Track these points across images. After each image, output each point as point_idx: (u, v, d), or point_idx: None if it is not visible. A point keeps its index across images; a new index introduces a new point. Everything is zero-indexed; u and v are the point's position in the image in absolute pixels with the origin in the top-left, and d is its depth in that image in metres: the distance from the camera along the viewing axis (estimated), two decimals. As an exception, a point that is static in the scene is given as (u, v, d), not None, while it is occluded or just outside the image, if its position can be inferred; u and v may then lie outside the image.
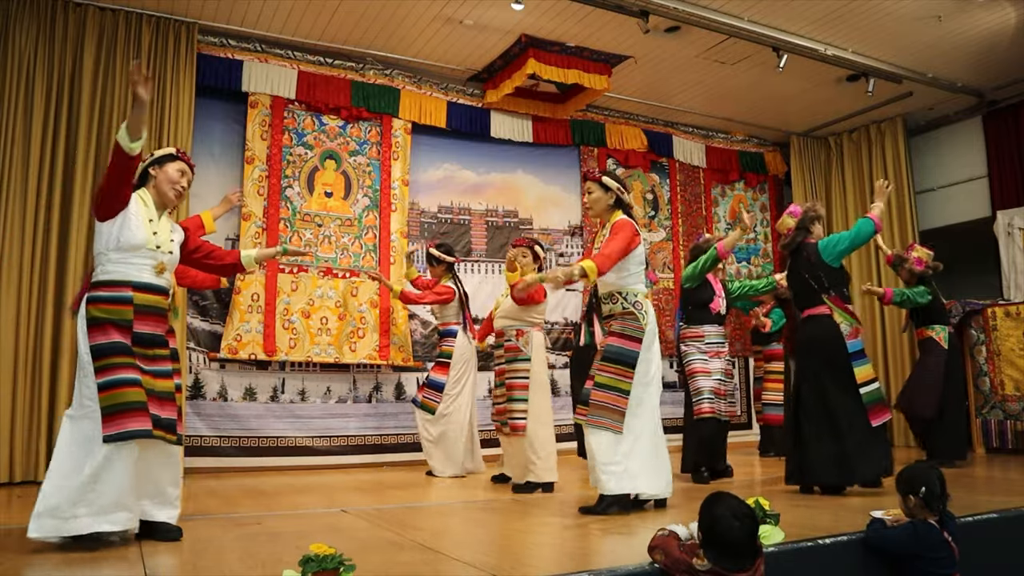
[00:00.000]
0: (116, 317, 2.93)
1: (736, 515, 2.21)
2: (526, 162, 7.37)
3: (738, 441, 7.93)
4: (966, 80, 7.10)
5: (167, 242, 3.11)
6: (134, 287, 2.98)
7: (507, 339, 4.91)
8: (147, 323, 3.01)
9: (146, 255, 3.02)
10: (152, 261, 3.03)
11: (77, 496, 2.79)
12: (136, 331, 2.97)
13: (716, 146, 8.39)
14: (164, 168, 3.17)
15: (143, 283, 3.00)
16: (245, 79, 6.00)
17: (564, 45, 6.25)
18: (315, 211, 6.24)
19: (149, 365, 2.99)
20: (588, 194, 3.92)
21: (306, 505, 4.08)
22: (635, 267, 3.78)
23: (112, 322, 2.92)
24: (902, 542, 2.75)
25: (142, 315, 2.99)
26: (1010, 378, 6.47)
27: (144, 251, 3.01)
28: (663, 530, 2.41)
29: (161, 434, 2.92)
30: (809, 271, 4.37)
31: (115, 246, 2.97)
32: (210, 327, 5.85)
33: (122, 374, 2.88)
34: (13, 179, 5.00)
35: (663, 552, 2.30)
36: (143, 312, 2.99)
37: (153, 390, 2.95)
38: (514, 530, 3.38)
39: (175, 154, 3.23)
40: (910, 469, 2.87)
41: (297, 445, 5.98)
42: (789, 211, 4.61)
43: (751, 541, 2.23)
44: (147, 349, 3.00)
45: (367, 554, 2.62)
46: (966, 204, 7.68)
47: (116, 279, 2.97)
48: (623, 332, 3.73)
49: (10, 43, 5.10)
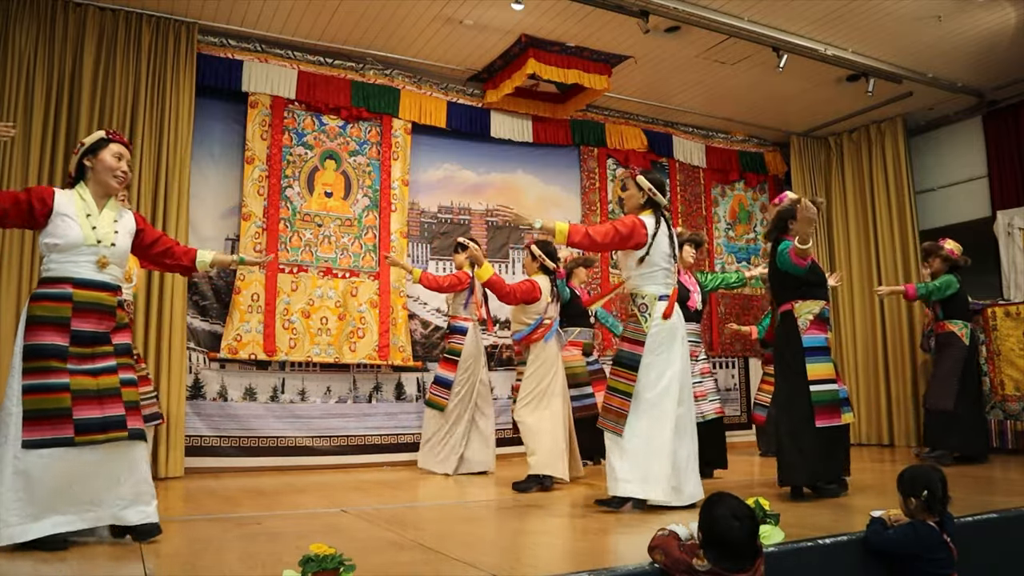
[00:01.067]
0: (54, 315, 2.87)
1: (736, 515, 2.21)
2: (526, 162, 7.36)
3: (738, 441, 7.94)
4: (966, 80, 7.10)
5: (109, 234, 3.01)
6: (74, 283, 2.92)
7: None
8: (88, 320, 2.92)
9: (85, 252, 2.94)
10: (93, 256, 2.95)
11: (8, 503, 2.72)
12: (75, 329, 2.88)
13: (716, 146, 8.39)
14: (99, 156, 3.05)
15: (84, 279, 2.93)
16: (245, 79, 6.01)
17: (564, 45, 6.25)
18: (315, 211, 6.24)
19: (87, 364, 2.90)
20: (623, 190, 3.96)
21: (306, 505, 4.08)
22: (646, 268, 3.78)
23: (50, 321, 2.86)
24: (902, 543, 2.75)
25: (83, 312, 2.91)
26: (1010, 378, 6.47)
27: (83, 248, 2.93)
28: (663, 530, 2.41)
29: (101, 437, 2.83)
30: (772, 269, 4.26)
31: (52, 247, 2.92)
32: (210, 327, 5.85)
33: (50, 379, 2.81)
34: (13, 179, 4.99)
35: (663, 552, 2.31)
36: (84, 309, 2.91)
37: (89, 390, 2.86)
38: (514, 530, 3.38)
39: (107, 137, 3.09)
40: (912, 470, 2.85)
41: (297, 445, 5.98)
42: (777, 199, 4.53)
43: (751, 541, 2.23)
44: (86, 347, 2.91)
45: (367, 554, 2.62)
46: (966, 204, 7.67)
47: (57, 276, 2.92)
48: (625, 335, 3.84)
49: (10, 43, 5.10)
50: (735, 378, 8.32)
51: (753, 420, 6.94)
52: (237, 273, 5.86)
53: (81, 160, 3.07)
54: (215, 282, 5.92)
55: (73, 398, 2.82)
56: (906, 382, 7.46)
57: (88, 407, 2.84)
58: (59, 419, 2.78)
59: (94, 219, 2.99)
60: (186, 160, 5.57)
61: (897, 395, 7.53)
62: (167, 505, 4.12)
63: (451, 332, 5.62)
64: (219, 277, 5.92)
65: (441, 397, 5.44)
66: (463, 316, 5.56)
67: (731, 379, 8.28)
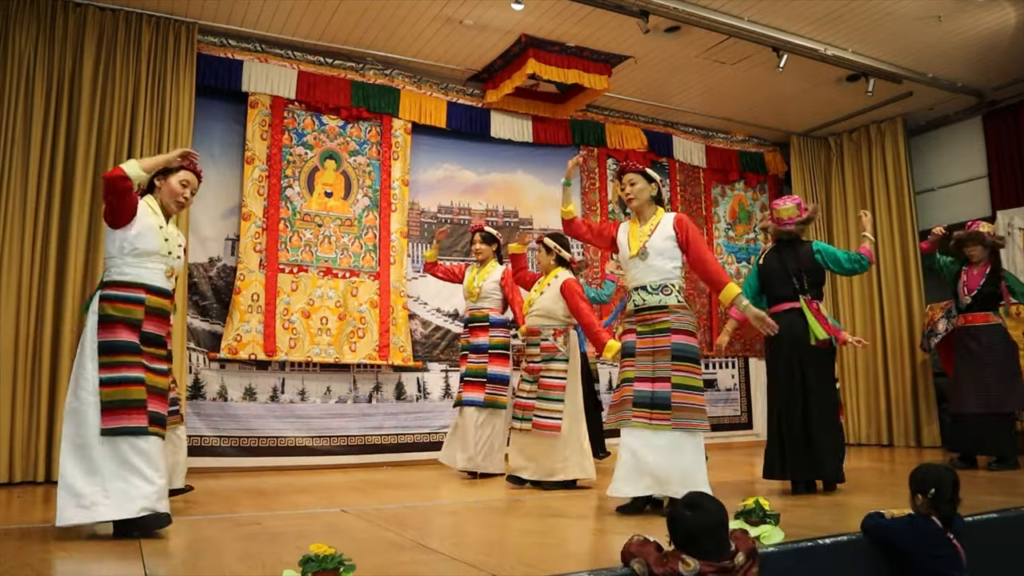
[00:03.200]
0: (128, 316, 3.09)
1: (686, 505, 2.28)
2: (526, 162, 7.36)
3: (738, 441, 7.95)
4: (966, 80, 7.10)
5: (176, 247, 3.27)
6: (147, 290, 3.15)
7: (543, 338, 4.78)
8: (154, 324, 3.17)
9: (158, 260, 3.18)
10: (164, 266, 3.20)
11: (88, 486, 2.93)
12: (144, 331, 3.13)
13: (716, 146, 8.39)
14: (168, 180, 3.29)
15: (155, 287, 3.17)
16: (245, 79, 6.01)
17: (564, 45, 6.25)
18: (315, 211, 6.24)
19: (152, 363, 3.15)
20: (631, 185, 3.79)
21: (306, 505, 4.08)
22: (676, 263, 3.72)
23: (124, 321, 3.08)
24: (899, 533, 2.74)
25: (151, 316, 3.16)
26: (1010, 378, 6.44)
27: (156, 257, 3.17)
28: (637, 536, 2.38)
29: (156, 430, 3.08)
30: (796, 267, 4.37)
31: (130, 251, 3.12)
32: (210, 327, 5.85)
33: (126, 372, 3.04)
34: (13, 179, 4.99)
35: (643, 563, 2.25)
36: (152, 314, 3.16)
37: (157, 386, 3.13)
38: (514, 530, 3.38)
39: (181, 164, 3.31)
40: (924, 468, 2.84)
41: (297, 445, 5.98)
42: (796, 202, 4.54)
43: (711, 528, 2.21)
44: (152, 348, 3.16)
45: (367, 554, 2.62)
46: (966, 204, 7.67)
47: (131, 280, 3.12)
48: (678, 327, 3.61)
49: (10, 43, 5.09)
50: (735, 378, 8.32)
51: None
52: (237, 273, 5.86)
53: (153, 177, 3.29)
54: (215, 282, 5.92)
55: (147, 391, 3.07)
56: (906, 382, 7.46)
57: (156, 402, 3.10)
58: (136, 409, 3.01)
59: (165, 231, 3.23)
60: (186, 160, 5.57)
61: (897, 395, 7.53)
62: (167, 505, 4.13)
63: (493, 325, 5.29)
64: (219, 277, 5.93)
65: (501, 395, 5.14)
66: (501, 309, 5.37)
67: (731, 379, 8.28)
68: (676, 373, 3.55)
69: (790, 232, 4.50)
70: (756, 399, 8.18)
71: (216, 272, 5.92)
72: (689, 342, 3.61)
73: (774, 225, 4.56)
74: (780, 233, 4.53)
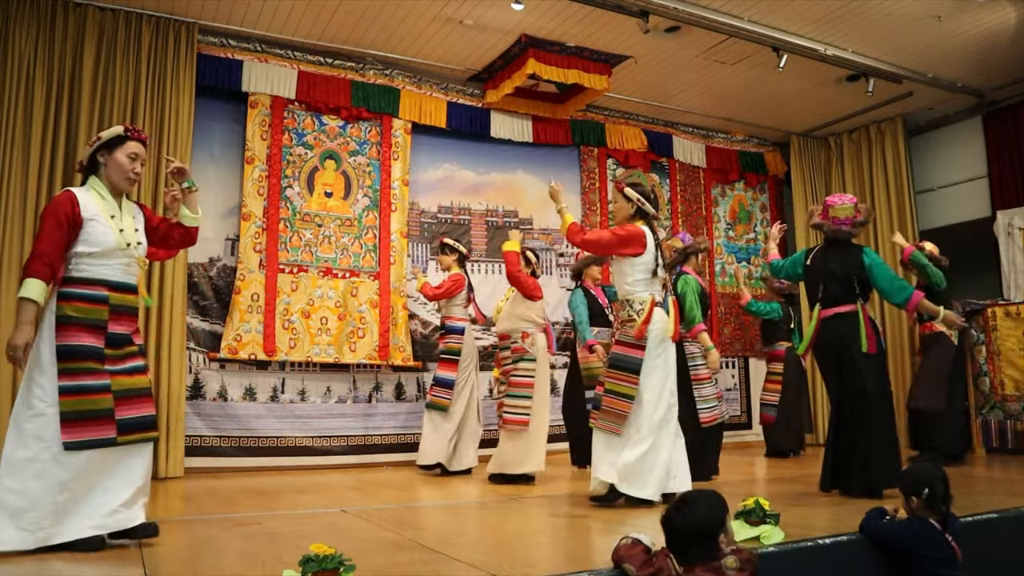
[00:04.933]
0: (90, 317, 2.83)
1: (676, 506, 2.29)
2: (526, 162, 7.36)
3: (738, 441, 7.95)
4: (966, 80, 7.10)
5: (133, 234, 2.98)
6: (110, 287, 2.89)
7: (513, 341, 5.07)
8: (120, 323, 2.92)
9: (118, 255, 2.92)
10: (125, 260, 2.94)
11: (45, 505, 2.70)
12: (110, 332, 2.87)
13: (716, 146, 8.39)
14: (113, 155, 2.98)
15: (118, 282, 2.92)
16: (245, 79, 6.00)
17: (564, 45, 6.25)
18: (315, 211, 6.24)
19: (122, 364, 2.90)
20: (612, 202, 4.04)
21: (306, 505, 4.08)
22: (640, 275, 3.92)
23: (84, 322, 2.81)
24: (897, 535, 2.75)
25: (116, 315, 2.90)
26: (1010, 378, 6.47)
27: (116, 252, 2.91)
28: (626, 539, 2.37)
29: (132, 437, 2.84)
30: (851, 271, 4.18)
31: (85, 252, 2.87)
32: (210, 327, 5.85)
33: (89, 380, 2.78)
34: (13, 179, 4.99)
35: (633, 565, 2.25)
36: (118, 312, 2.90)
37: (130, 389, 2.88)
38: (514, 530, 3.38)
39: (124, 134, 2.99)
40: (914, 469, 2.86)
41: (297, 445, 5.98)
42: (853, 202, 4.33)
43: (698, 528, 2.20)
44: (119, 349, 2.91)
45: (367, 554, 2.62)
46: (966, 204, 7.67)
47: (91, 277, 2.87)
48: (622, 339, 3.92)
49: (10, 43, 5.09)
50: (735, 378, 8.32)
51: (763, 420, 6.87)
52: (237, 273, 5.86)
53: (95, 154, 3.00)
54: (215, 282, 5.92)
55: (115, 398, 2.82)
56: (905, 383, 7.45)
57: (133, 406, 2.86)
58: (102, 420, 2.77)
59: (119, 221, 2.94)
60: (186, 160, 5.55)
61: (896, 395, 7.49)
62: (167, 505, 4.14)
63: (447, 332, 5.57)
64: (219, 277, 5.93)
65: (443, 398, 5.41)
66: (458, 316, 5.56)
67: (731, 379, 8.28)
68: (610, 380, 3.88)
69: (847, 233, 4.29)
70: (756, 399, 8.17)
71: (216, 272, 5.92)
72: (633, 354, 3.85)
73: (829, 224, 4.30)
74: (836, 233, 4.30)
